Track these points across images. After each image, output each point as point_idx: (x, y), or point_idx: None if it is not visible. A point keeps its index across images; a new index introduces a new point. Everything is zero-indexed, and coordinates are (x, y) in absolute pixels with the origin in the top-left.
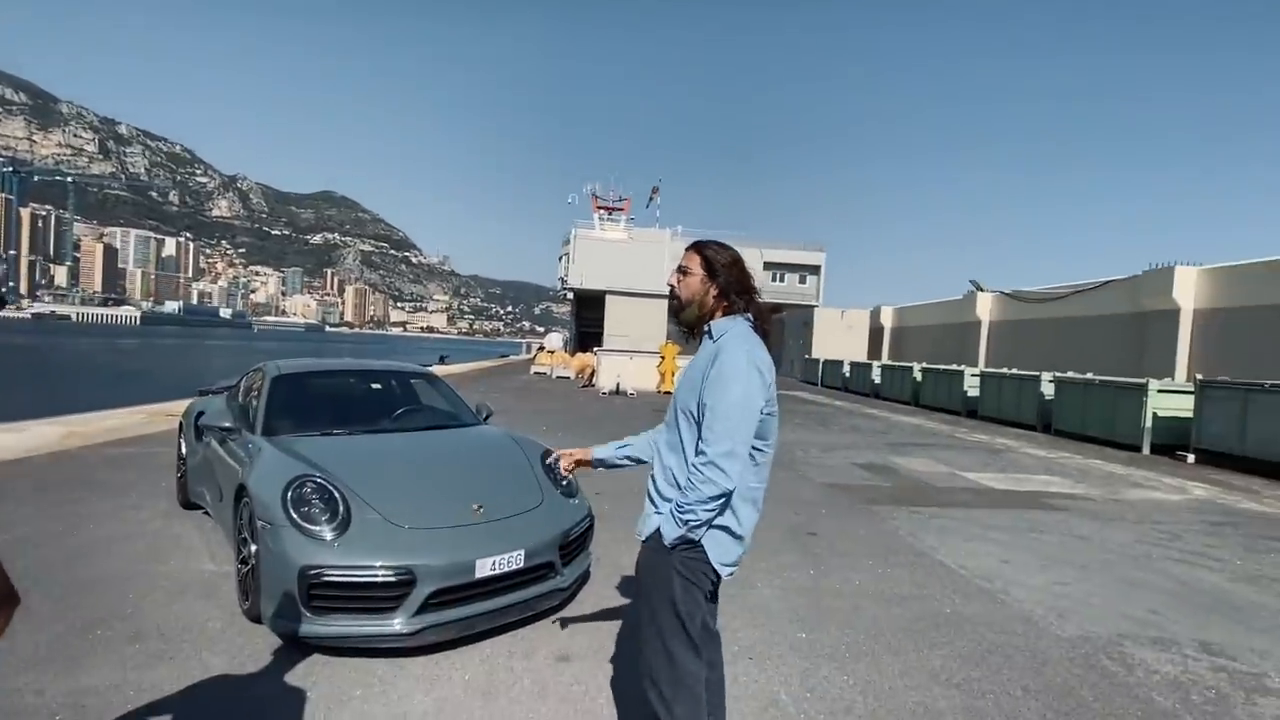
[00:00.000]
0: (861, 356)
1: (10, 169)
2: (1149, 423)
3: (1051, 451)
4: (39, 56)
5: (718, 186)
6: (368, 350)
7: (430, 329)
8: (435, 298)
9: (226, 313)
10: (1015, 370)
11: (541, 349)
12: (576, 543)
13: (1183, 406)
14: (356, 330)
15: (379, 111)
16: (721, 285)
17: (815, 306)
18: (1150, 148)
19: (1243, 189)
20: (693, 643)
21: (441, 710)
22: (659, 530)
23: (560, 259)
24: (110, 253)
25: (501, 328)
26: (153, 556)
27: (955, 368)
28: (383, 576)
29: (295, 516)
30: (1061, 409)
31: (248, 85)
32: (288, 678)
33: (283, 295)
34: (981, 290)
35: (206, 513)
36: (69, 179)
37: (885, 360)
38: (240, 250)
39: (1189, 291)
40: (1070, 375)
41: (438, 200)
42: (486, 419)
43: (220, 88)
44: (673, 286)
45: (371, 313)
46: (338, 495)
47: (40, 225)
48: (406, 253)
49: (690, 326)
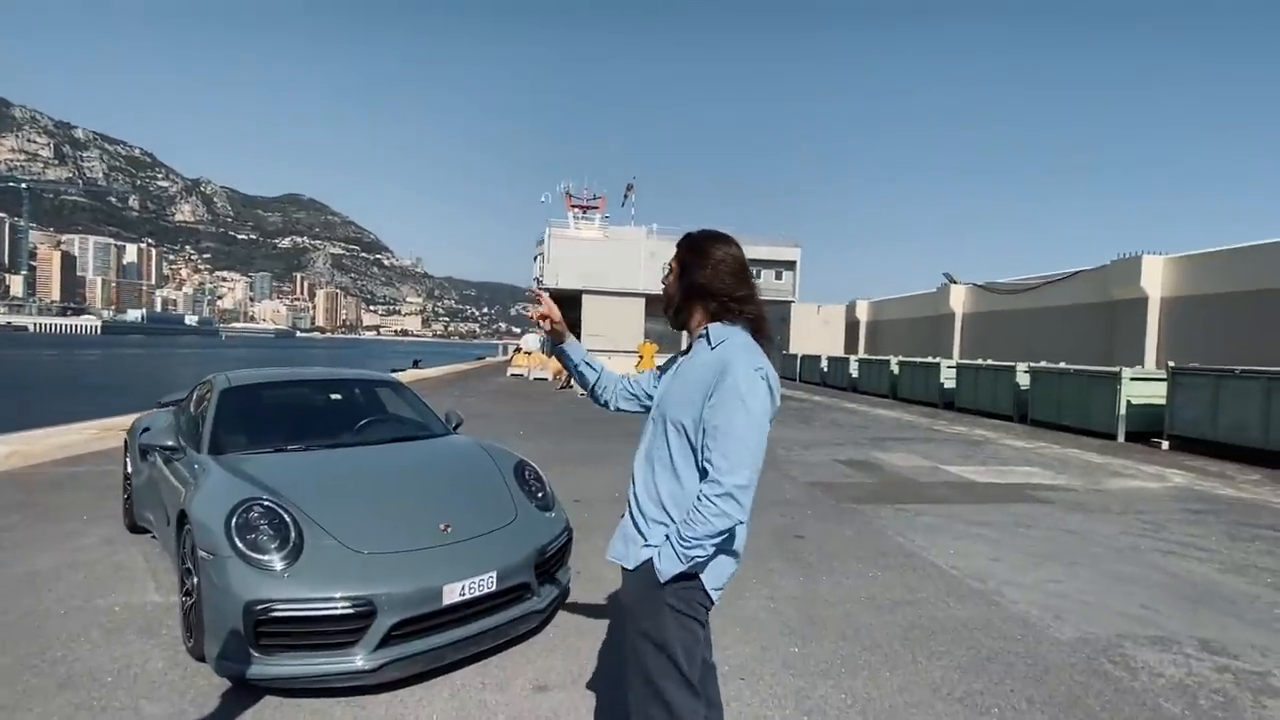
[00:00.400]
0: (838, 351)
1: None
2: (1123, 410)
3: (1030, 442)
4: None
5: (692, 183)
6: (340, 355)
7: (405, 332)
8: (409, 300)
9: (192, 320)
10: (990, 361)
11: (518, 350)
12: (554, 559)
13: (1155, 394)
14: (329, 335)
15: (346, 112)
16: (690, 285)
17: (791, 302)
18: (1120, 141)
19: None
20: (689, 683)
21: None
22: (651, 563)
23: (535, 259)
24: (68, 260)
25: (478, 329)
26: (92, 589)
27: (932, 360)
28: (339, 609)
29: (240, 545)
30: (1037, 399)
31: (210, 87)
32: None
33: (251, 301)
34: (955, 283)
35: (154, 537)
36: (23, 185)
37: (862, 354)
38: (205, 255)
39: (1156, 280)
40: (1045, 365)
41: (409, 202)
42: (456, 428)
43: (181, 90)
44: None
45: (344, 317)
46: (289, 519)
47: None
48: (378, 255)
49: (675, 328)
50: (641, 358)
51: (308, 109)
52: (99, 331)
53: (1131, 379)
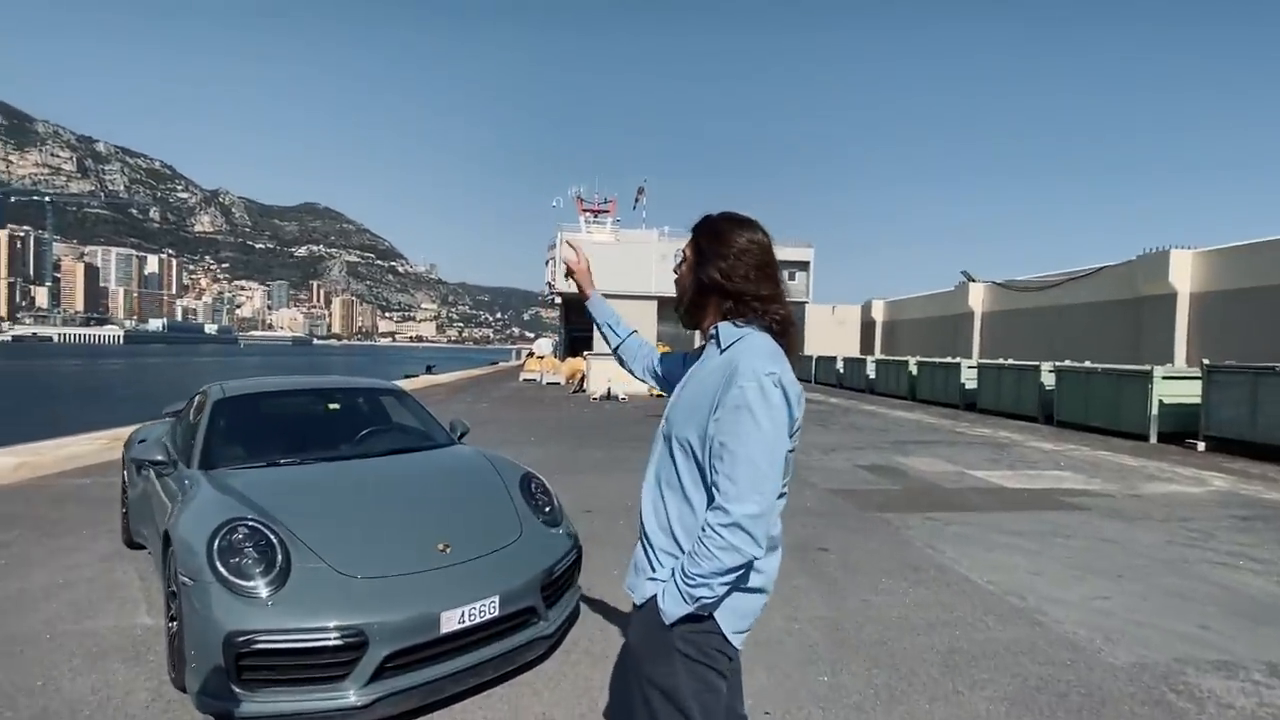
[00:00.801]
0: (854, 352)
1: None
2: (1155, 410)
3: (1058, 444)
4: (14, 77)
5: (704, 185)
6: (356, 362)
7: (419, 338)
8: (423, 306)
9: (212, 329)
10: (1012, 361)
11: (531, 355)
12: (562, 580)
13: (1189, 393)
14: (345, 342)
15: (360, 122)
16: (708, 278)
17: (805, 303)
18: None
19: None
20: None
21: None
22: (655, 601)
23: (547, 263)
24: (91, 272)
25: (491, 335)
26: (81, 610)
27: (952, 360)
28: (327, 640)
29: (223, 570)
30: (1063, 399)
31: (227, 99)
32: None
33: (269, 309)
34: (973, 281)
35: (151, 553)
36: (47, 199)
37: (878, 355)
38: (224, 265)
39: (1185, 275)
40: (1072, 364)
41: (423, 209)
42: (461, 437)
43: (200, 103)
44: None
45: (359, 323)
46: (275, 541)
47: (19, 246)
48: (393, 262)
49: (687, 328)
50: None
51: (323, 119)
52: (121, 341)
53: (1164, 377)
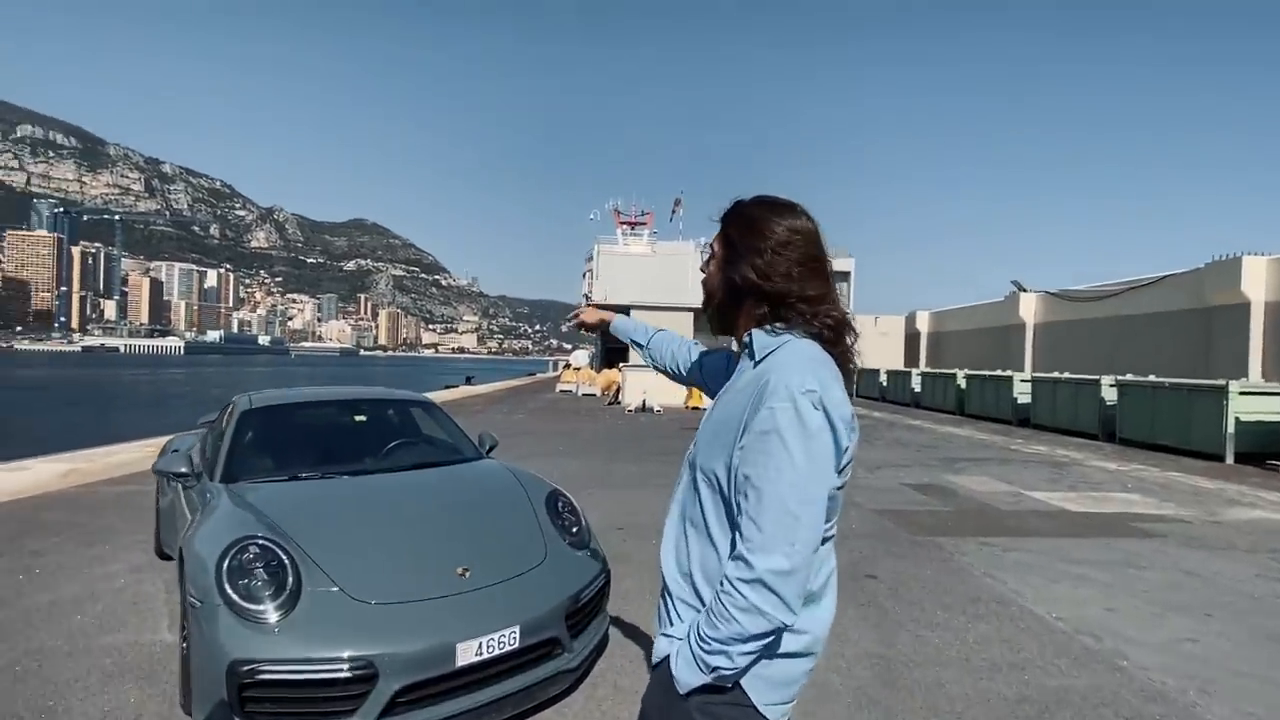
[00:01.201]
0: (898, 364)
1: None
2: (1231, 428)
3: (1122, 463)
4: (88, 102)
5: (743, 194)
6: (399, 372)
7: (461, 349)
8: (465, 319)
9: (265, 340)
10: (1069, 374)
11: (568, 366)
12: (589, 607)
13: (1269, 409)
14: (390, 353)
15: (406, 142)
16: (742, 278)
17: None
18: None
19: None
20: None
21: None
22: (668, 663)
23: (584, 275)
24: (156, 286)
25: (530, 346)
26: (105, 624)
27: (1003, 373)
28: (335, 672)
29: (231, 592)
30: (1127, 415)
31: (284, 120)
32: None
33: (319, 321)
34: (1024, 291)
35: None
36: (117, 217)
37: (924, 367)
38: (277, 279)
39: (1259, 283)
40: (1136, 378)
41: (466, 224)
42: (490, 450)
43: (258, 124)
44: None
45: (404, 335)
46: (287, 562)
47: (90, 262)
48: (436, 276)
49: (718, 334)
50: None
51: (373, 138)
52: (182, 352)
53: (1240, 393)
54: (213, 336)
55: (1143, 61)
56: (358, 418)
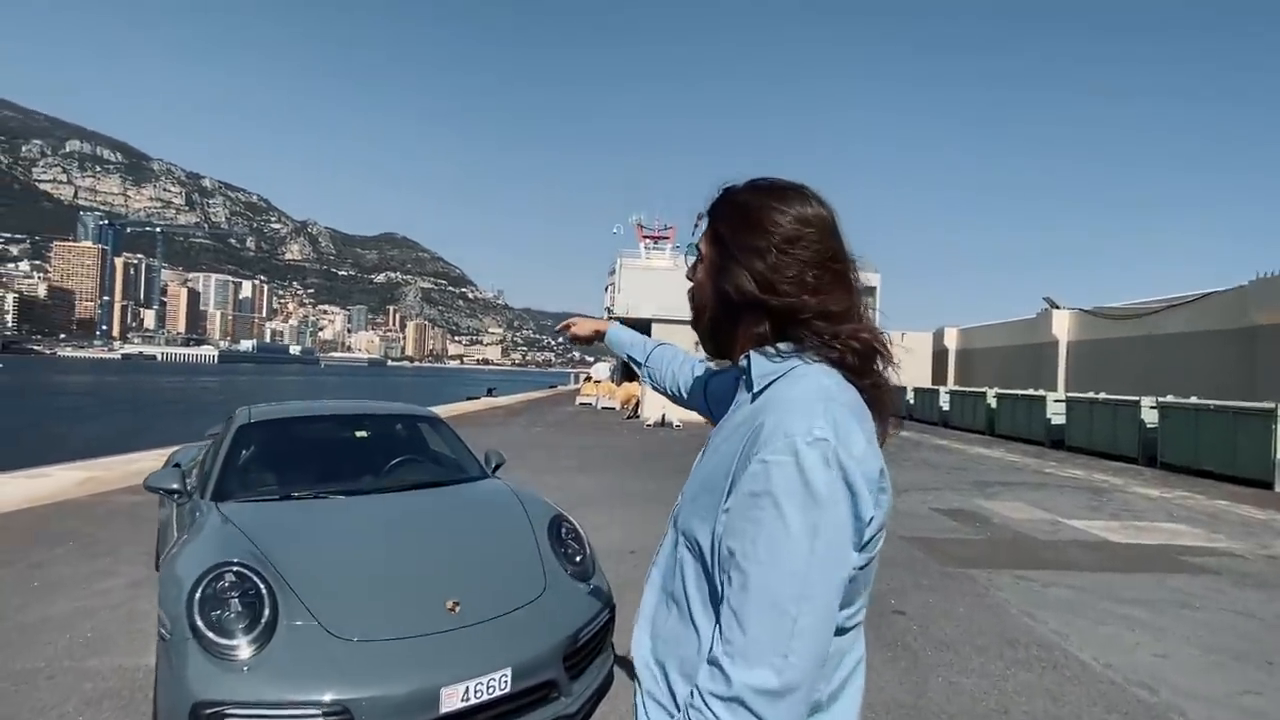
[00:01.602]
0: (925, 381)
1: (106, 222)
2: None
3: (1165, 490)
4: (134, 118)
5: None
6: (424, 382)
7: (486, 361)
8: (490, 331)
9: (296, 350)
10: (1106, 394)
11: (588, 379)
12: (590, 646)
13: None
14: (416, 364)
15: (437, 157)
16: (737, 289)
17: None
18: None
19: None
20: None
21: None
22: None
23: (606, 289)
24: (193, 296)
25: (553, 358)
26: (93, 644)
27: (1036, 393)
28: (307, 717)
29: (201, 625)
30: (1168, 439)
31: (318, 136)
32: None
33: (348, 332)
34: (1057, 307)
35: None
36: (158, 229)
37: (952, 385)
38: (309, 291)
39: None
40: (1178, 400)
41: (492, 238)
42: (496, 469)
43: (293, 140)
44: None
45: (431, 346)
46: (264, 591)
47: (132, 273)
48: (463, 289)
49: (713, 357)
50: None
51: (404, 154)
52: (216, 360)
53: None
54: (246, 346)
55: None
56: (359, 433)
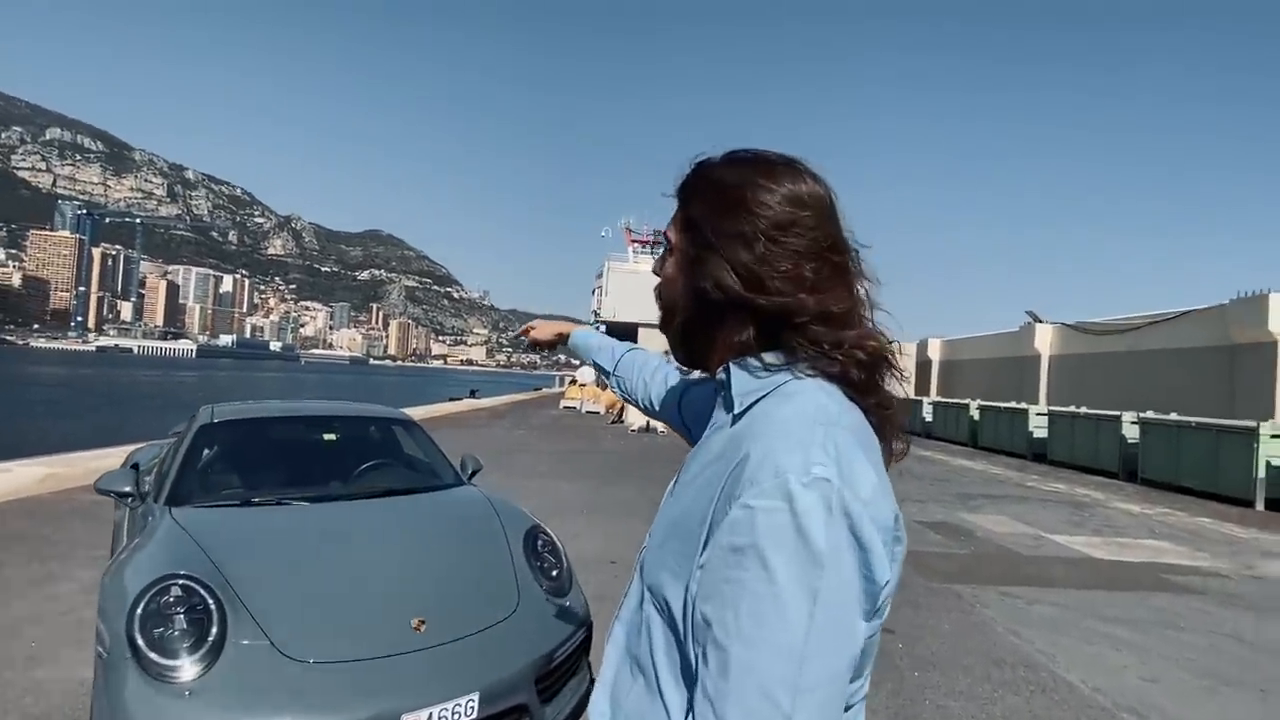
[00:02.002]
0: (909, 392)
1: (85, 212)
2: (1262, 473)
3: (1147, 506)
4: (117, 107)
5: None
6: (406, 382)
7: (470, 362)
8: (475, 331)
9: (276, 346)
10: (1086, 409)
11: (573, 382)
12: (565, 667)
13: None
14: (399, 363)
15: (424, 154)
16: (717, 284)
17: None
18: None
19: None
20: None
21: None
22: None
23: (594, 292)
24: (173, 289)
25: (538, 360)
26: (39, 654)
27: (1019, 406)
28: None
29: (142, 644)
30: (1149, 455)
31: (304, 130)
32: None
33: (330, 329)
34: (1040, 321)
35: None
36: (138, 220)
37: (935, 396)
38: (292, 286)
39: None
40: (1159, 416)
41: (479, 238)
42: (472, 476)
43: (279, 133)
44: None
45: (414, 346)
46: (213, 606)
47: (109, 264)
48: (448, 288)
49: (686, 366)
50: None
51: (391, 150)
52: (194, 355)
53: (1271, 435)
54: (225, 341)
55: (1165, 90)
56: (328, 436)
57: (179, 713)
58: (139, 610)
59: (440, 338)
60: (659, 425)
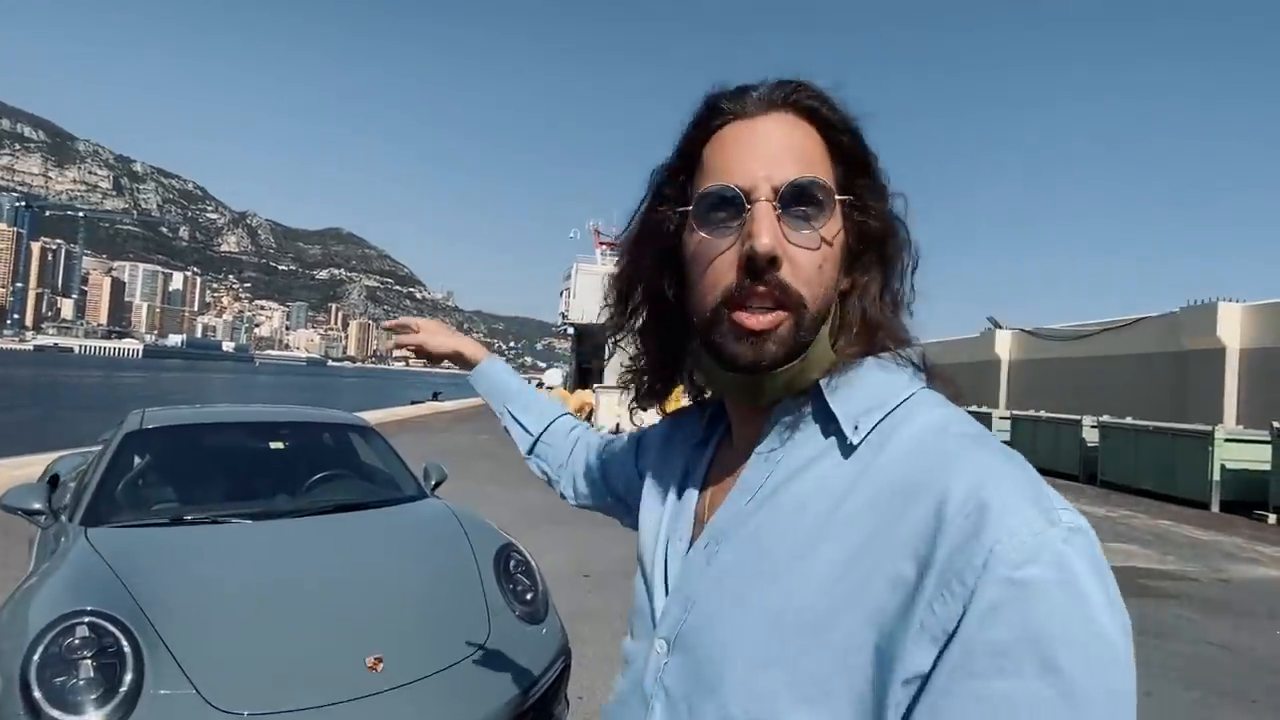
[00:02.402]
0: None
1: (23, 204)
2: (1217, 476)
3: (1109, 508)
4: (59, 95)
5: None
6: (365, 384)
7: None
8: None
9: (229, 346)
10: (1046, 413)
11: (540, 385)
12: (543, 704)
13: (1254, 458)
14: (358, 364)
15: (387, 151)
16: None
17: None
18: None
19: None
20: None
21: None
22: None
23: (561, 294)
24: (118, 286)
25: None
26: None
27: (981, 409)
28: None
29: (39, 695)
30: (1109, 458)
31: (261, 123)
32: None
33: (287, 329)
34: (1000, 327)
35: None
36: (81, 214)
37: None
38: (246, 285)
39: (1235, 330)
40: (1117, 420)
41: (443, 237)
42: (436, 487)
43: (235, 127)
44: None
45: (374, 347)
46: (126, 649)
47: (50, 259)
48: (411, 289)
49: (764, 397)
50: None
51: (352, 145)
52: (140, 355)
53: (1226, 439)
54: (174, 341)
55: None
56: (274, 444)
57: None
58: (37, 654)
59: None
60: (629, 428)
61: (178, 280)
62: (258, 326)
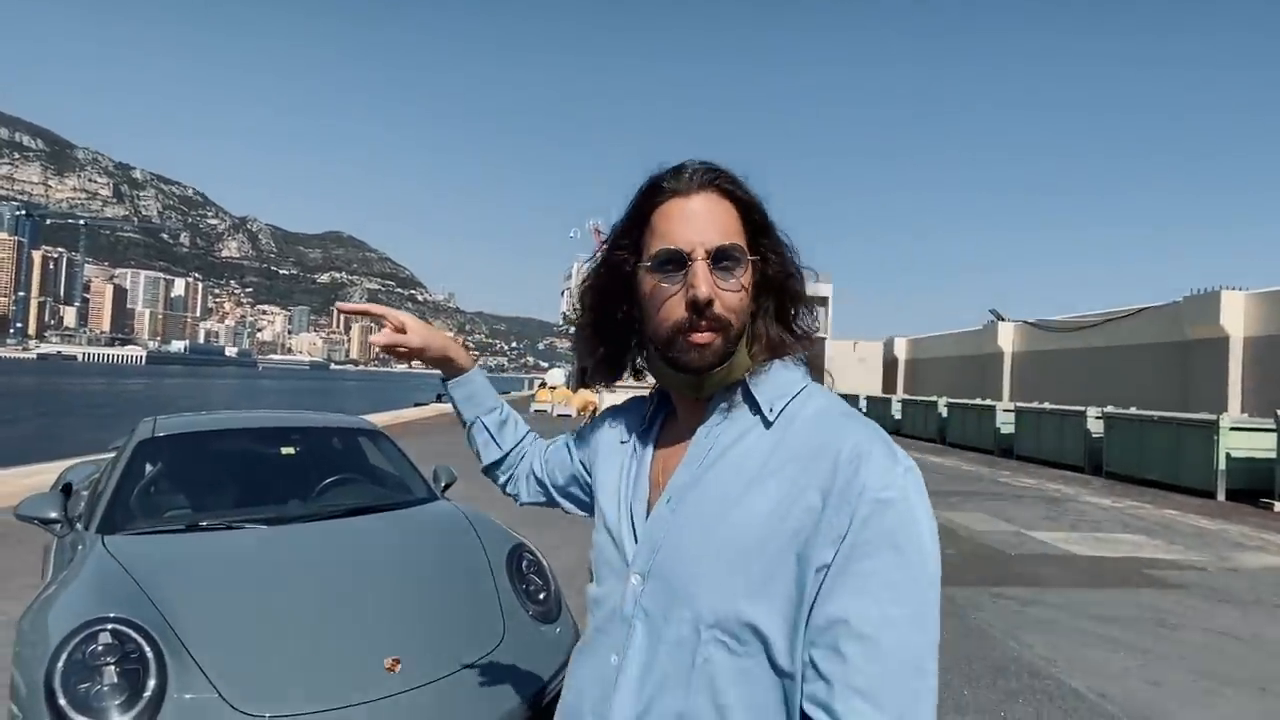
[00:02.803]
0: (876, 390)
1: (23, 213)
2: (1223, 465)
3: (1115, 499)
4: (57, 103)
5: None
6: (369, 386)
7: None
8: None
9: (232, 351)
10: (1050, 405)
11: (543, 385)
12: (556, 705)
13: (1260, 446)
14: (362, 367)
15: (386, 153)
16: (778, 273)
17: (825, 338)
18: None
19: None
20: None
21: None
22: None
23: (562, 293)
24: (120, 293)
25: (506, 364)
26: None
27: (986, 402)
28: None
29: (64, 701)
30: (1114, 449)
31: (260, 129)
32: None
33: (289, 334)
34: (1003, 320)
35: None
36: (81, 222)
37: (902, 394)
38: (248, 290)
39: (1238, 318)
40: (1122, 411)
41: (444, 239)
42: (446, 489)
43: (234, 133)
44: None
45: (377, 350)
46: (150, 655)
47: (51, 267)
48: (413, 290)
49: (701, 389)
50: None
51: (351, 149)
52: (144, 362)
53: (1231, 428)
54: (177, 347)
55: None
56: (285, 450)
57: None
58: (61, 661)
59: None
60: None
61: (179, 286)
62: (260, 331)
